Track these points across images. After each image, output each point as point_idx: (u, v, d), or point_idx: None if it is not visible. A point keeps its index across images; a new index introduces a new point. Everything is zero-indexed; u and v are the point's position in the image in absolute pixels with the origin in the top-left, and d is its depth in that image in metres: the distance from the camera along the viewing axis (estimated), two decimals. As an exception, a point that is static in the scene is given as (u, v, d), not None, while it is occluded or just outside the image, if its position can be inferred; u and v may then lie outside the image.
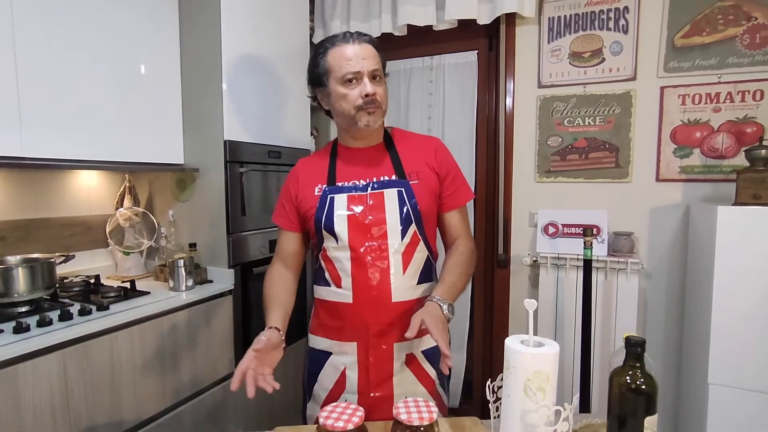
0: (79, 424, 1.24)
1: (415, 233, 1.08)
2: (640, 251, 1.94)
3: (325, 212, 1.08)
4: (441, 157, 1.15)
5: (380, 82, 1.08)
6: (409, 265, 1.08)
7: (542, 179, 2.09)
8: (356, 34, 1.07)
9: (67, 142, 1.43)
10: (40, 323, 1.23)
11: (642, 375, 0.81)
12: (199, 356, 1.62)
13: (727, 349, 1.48)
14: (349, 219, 1.07)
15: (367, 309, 1.06)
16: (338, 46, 1.05)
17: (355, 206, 1.08)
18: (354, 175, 1.12)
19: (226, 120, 1.72)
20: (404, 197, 1.08)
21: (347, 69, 1.03)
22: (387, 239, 1.06)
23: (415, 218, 1.08)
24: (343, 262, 1.08)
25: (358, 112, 1.06)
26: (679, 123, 1.84)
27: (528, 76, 2.08)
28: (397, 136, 1.19)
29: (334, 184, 1.11)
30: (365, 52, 1.05)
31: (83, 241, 1.83)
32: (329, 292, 1.11)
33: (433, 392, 1.12)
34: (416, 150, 1.15)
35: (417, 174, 1.11)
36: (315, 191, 1.12)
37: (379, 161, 1.13)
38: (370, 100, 1.05)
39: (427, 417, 0.78)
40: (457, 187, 1.16)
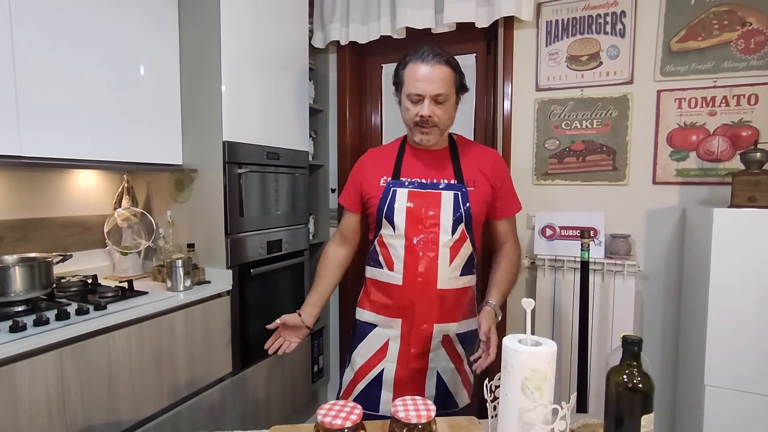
0: (76, 424, 1.23)
1: (463, 231, 1.21)
2: (637, 253, 1.95)
3: (387, 202, 1.22)
4: (498, 171, 1.28)
5: (444, 103, 1.17)
6: (455, 258, 1.21)
7: (540, 182, 2.10)
8: (432, 54, 1.15)
9: (65, 141, 1.43)
10: (37, 322, 1.22)
11: (639, 374, 0.81)
12: (196, 357, 1.62)
13: (723, 351, 1.49)
14: (408, 211, 1.19)
15: (414, 292, 1.20)
16: (414, 63, 1.16)
17: (414, 201, 1.20)
18: (418, 173, 1.24)
19: (225, 121, 1.73)
20: (459, 201, 1.20)
21: (412, 89, 1.16)
22: (438, 233, 1.19)
23: (466, 219, 1.20)
24: (397, 249, 1.21)
25: (414, 127, 1.20)
26: (676, 126, 1.85)
27: (526, 79, 2.10)
28: (460, 143, 1.32)
29: (399, 178, 1.24)
30: (435, 75, 1.13)
31: (81, 241, 1.82)
32: (381, 273, 1.26)
33: (461, 369, 1.29)
34: (476, 160, 1.27)
35: (474, 182, 1.24)
36: (380, 182, 1.25)
37: (443, 165, 1.25)
38: (425, 121, 1.17)
39: (425, 415, 0.78)
40: (510, 200, 1.32)
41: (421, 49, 1.17)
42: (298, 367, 2.17)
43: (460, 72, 1.20)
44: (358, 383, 1.28)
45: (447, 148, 1.28)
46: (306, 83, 2.26)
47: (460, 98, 1.24)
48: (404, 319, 1.23)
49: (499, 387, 0.90)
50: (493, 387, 0.95)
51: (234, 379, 1.79)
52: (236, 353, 1.80)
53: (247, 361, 1.86)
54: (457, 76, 1.19)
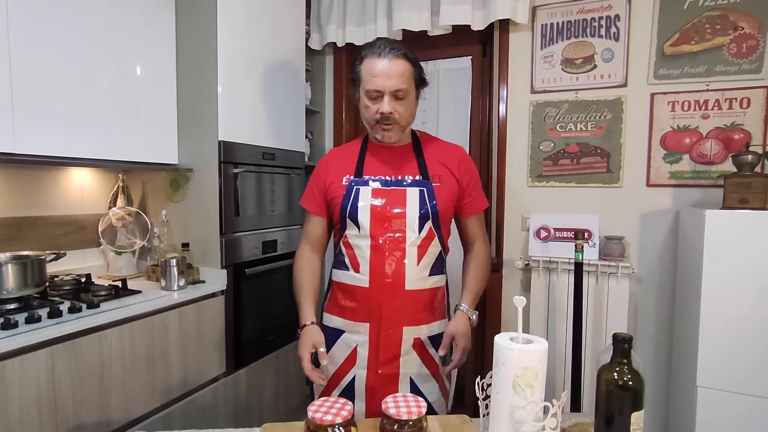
0: (66, 423, 1.23)
1: (431, 229, 1.17)
2: (630, 255, 1.95)
3: (350, 201, 1.16)
4: (464, 168, 1.24)
5: (404, 99, 1.13)
6: (423, 258, 1.16)
7: (534, 184, 2.11)
8: (389, 48, 1.10)
9: (60, 139, 1.43)
10: (29, 320, 1.22)
11: (629, 371, 0.82)
12: (189, 356, 1.61)
13: (715, 352, 1.50)
14: (372, 210, 1.15)
15: (382, 294, 1.15)
16: (370, 59, 1.11)
17: (378, 199, 1.16)
18: (381, 170, 1.20)
19: (221, 121, 1.73)
20: (425, 197, 1.16)
21: (370, 85, 1.11)
22: (405, 232, 1.14)
23: (433, 216, 1.16)
24: (363, 249, 1.15)
25: (375, 125, 1.16)
26: (669, 129, 1.87)
27: (521, 82, 2.11)
28: (423, 139, 1.27)
29: (361, 176, 1.19)
30: (393, 70, 1.09)
31: (75, 240, 1.82)
32: (347, 276, 1.19)
33: (437, 376, 1.21)
34: (441, 155, 1.23)
35: (439, 177, 1.19)
36: (343, 180, 1.20)
37: (406, 161, 1.21)
38: (385, 118, 1.13)
39: (415, 412, 0.78)
40: (477, 196, 1.27)
41: (377, 43, 1.13)
42: (292, 367, 2.17)
43: (418, 66, 1.15)
44: (332, 392, 1.21)
45: (410, 144, 1.24)
46: (302, 84, 2.27)
47: (420, 93, 1.19)
48: (372, 322, 1.16)
49: (491, 385, 0.90)
50: (484, 385, 0.95)
51: (227, 380, 1.79)
52: (230, 353, 1.80)
53: (241, 361, 1.86)
54: (416, 70, 1.14)
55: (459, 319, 1.18)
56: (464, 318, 1.18)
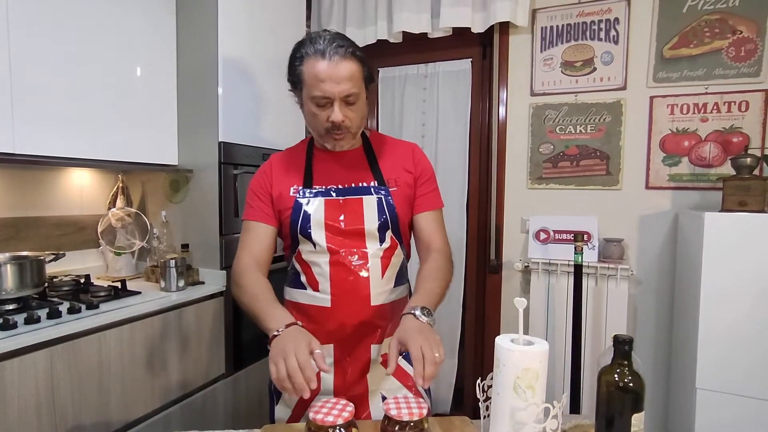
0: (65, 424, 1.22)
1: (392, 238, 1.08)
2: (630, 258, 1.96)
3: (301, 216, 1.04)
4: (418, 160, 1.13)
5: (355, 104, 1.00)
6: (387, 269, 1.07)
7: (534, 186, 2.11)
8: (335, 47, 0.96)
9: (60, 140, 1.43)
10: (28, 320, 1.21)
11: (630, 373, 0.82)
12: (189, 358, 1.61)
13: (714, 354, 1.50)
14: (327, 225, 1.04)
15: (346, 312, 1.04)
16: (313, 59, 0.96)
17: (332, 211, 1.04)
18: (332, 178, 1.08)
19: (221, 121, 1.73)
20: (383, 204, 1.06)
21: (317, 92, 0.97)
22: (365, 244, 1.05)
23: (393, 224, 1.07)
24: (321, 266, 1.04)
25: (325, 134, 1.03)
26: (668, 132, 1.87)
27: (521, 84, 2.12)
28: (375, 140, 1.15)
29: (311, 186, 1.07)
30: (341, 73, 0.96)
31: (74, 240, 1.81)
32: (305, 296, 1.08)
33: (411, 387, 1.08)
34: (395, 155, 1.13)
35: (395, 181, 1.09)
36: (290, 191, 1.07)
37: (358, 166, 1.10)
38: (337, 127, 1.00)
39: (417, 413, 0.78)
40: (432, 191, 1.14)
41: (319, 40, 0.97)
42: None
43: (366, 63, 1.02)
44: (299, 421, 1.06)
45: (361, 147, 1.12)
46: (302, 86, 2.26)
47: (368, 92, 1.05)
48: (336, 344, 1.05)
49: (492, 386, 0.90)
50: (485, 386, 0.96)
51: (227, 381, 1.78)
52: (230, 354, 1.79)
53: (241, 362, 1.85)
54: (365, 69, 1.01)
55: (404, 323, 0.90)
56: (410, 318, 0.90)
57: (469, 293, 2.35)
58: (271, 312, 0.95)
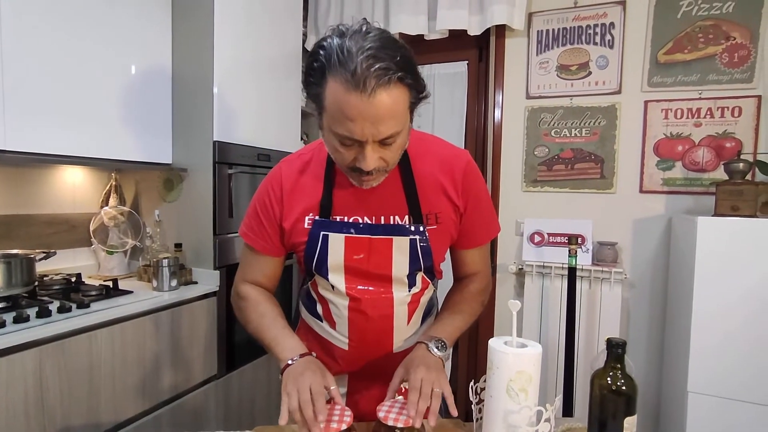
0: (54, 425, 1.21)
1: (423, 279, 0.93)
2: (623, 261, 1.97)
3: (317, 253, 0.88)
4: (468, 186, 0.90)
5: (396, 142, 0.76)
6: (415, 313, 0.95)
7: (529, 188, 2.12)
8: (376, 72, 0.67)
9: (52, 137, 1.41)
10: (17, 319, 1.20)
11: (622, 376, 0.82)
12: (180, 358, 1.59)
13: (706, 358, 1.51)
14: (347, 266, 0.88)
15: (365, 357, 0.94)
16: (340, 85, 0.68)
17: (354, 252, 0.87)
18: (355, 209, 0.88)
19: (216, 121, 1.72)
20: (417, 248, 0.87)
21: (343, 131, 0.72)
22: (392, 290, 0.90)
23: (426, 267, 0.91)
24: (339, 309, 0.92)
25: (349, 171, 0.80)
26: (662, 136, 1.89)
27: (516, 87, 2.12)
28: (415, 153, 0.89)
29: (329, 216, 0.88)
30: (380, 111, 0.69)
31: (66, 239, 1.79)
32: (320, 328, 0.97)
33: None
34: (439, 176, 0.89)
35: (436, 217, 0.88)
36: (305, 222, 0.89)
37: (390, 194, 0.87)
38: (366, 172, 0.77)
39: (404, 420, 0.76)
40: (486, 222, 0.95)
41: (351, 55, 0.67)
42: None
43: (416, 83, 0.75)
44: None
45: (397, 168, 0.86)
46: (298, 86, 2.26)
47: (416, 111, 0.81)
48: (351, 377, 0.97)
49: (485, 389, 0.90)
50: (478, 389, 0.95)
51: (219, 382, 1.77)
52: (222, 355, 1.78)
53: (233, 363, 1.84)
54: (413, 93, 0.75)
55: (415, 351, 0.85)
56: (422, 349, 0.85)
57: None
58: (282, 341, 0.87)
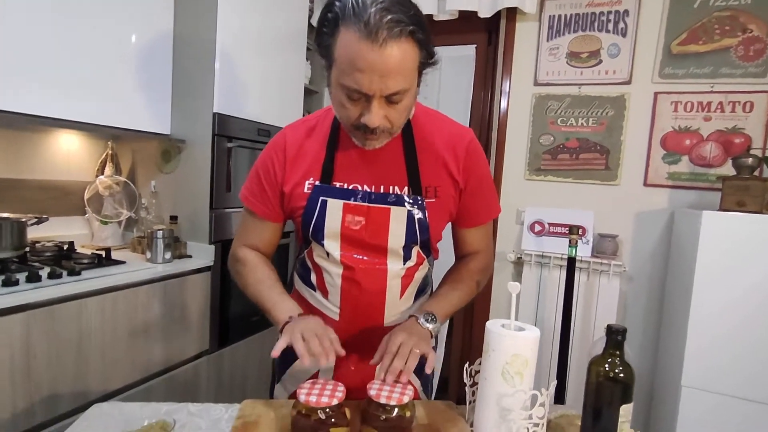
0: (40, 392, 1.19)
1: (419, 254, 0.93)
2: (623, 254, 1.95)
3: (314, 218, 0.88)
4: (470, 165, 0.90)
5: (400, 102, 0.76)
6: (408, 287, 0.94)
7: (532, 177, 2.09)
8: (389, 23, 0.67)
9: (48, 99, 1.37)
10: (6, 283, 1.17)
11: (621, 363, 0.80)
12: (172, 332, 1.58)
13: (702, 353, 1.50)
14: (343, 234, 0.88)
15: (355, 329, 0.93)
16: (352, 34, 0.69)
17: (351, 218, 0.87)
18: (356, 176, 0.89)
19: (217, 92, 1.68)
20: (414, 219, 0.88)
21: (351, 82, 0.72)
22: (386, 262, 0.90)
23: (422, 241, 0.90)
24: (333, 278, 0.91)
25: (354, 130, 0.82)
26: (670, 129, 1.85)
27: (525, 73, 2.08)
28: (419, 125, 0.90)
29: (329, 182, 0.89)
30: (389, 64, 0.69)
31: (59, 206, 1.76)
32: (314, 297, 0.97)
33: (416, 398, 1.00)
34: (441, 151, 0.89)
35: (435, 190, 0.89)
36: (305, 186, 0.89)
37: (391, 164, 0.88)
38: (370, 130, 0.77)
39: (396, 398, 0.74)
40: (487, 201, 0.95)
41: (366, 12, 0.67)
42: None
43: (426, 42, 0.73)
44: None
45: (400, 137, 0.89)
46: (303, 63, 2.21)
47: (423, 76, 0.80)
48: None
49: (479, 372, 0.88)
50: (472, 372, 0.94)
51: (210, 357, 1.76)
52: (214, 330, 1.77)
53: (225, 339, 1.83)
54: (423, 53, 0.74)
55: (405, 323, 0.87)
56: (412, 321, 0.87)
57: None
58: (281, 305, 0.89)
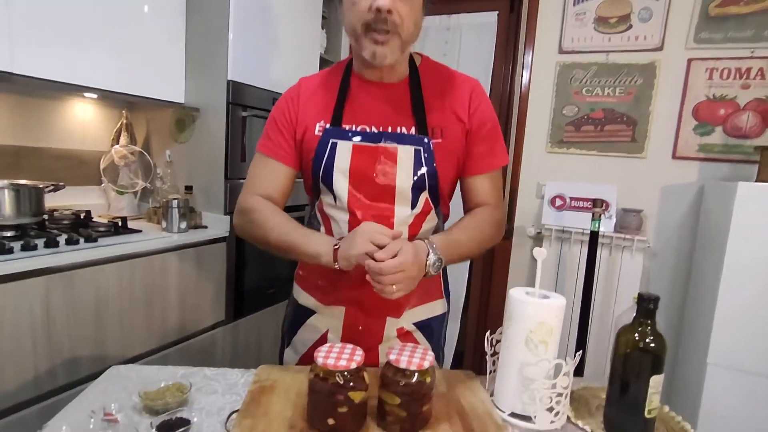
0: (61, 354, 1.21)
1: (426, 201, 0.91)
2: (647, 229, 1.88)
3: (324, 161, 0.88)
4: (475, 108, 0.92)
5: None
6: (415, 238, 0.91)
7: (554, 150, 2.02)
8: None
9: (62, 64, 1.35)
10: (24, 247, 1.18)
11: (652, 333, 0.76)
12: (188, 301, 1.58)
13: (730, 331, 1.45)
14: (352, 175, 0.87)
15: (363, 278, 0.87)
16: None
17: (360, 160, 0.87)
18: (365, 117, 0.90)
19: (231, 59, 1.64)
20: (421, 159, 0.87)
21: None
22: (394, 206, 0.89)
23: (430, 185, 0.89)
24: (340, 225, 0.90)
25: (364, 35, 0.81)
26: (704, 98, 1.76)
27: (549, 41, 1.99)
28: (426, 71, 0.93)
29: (339, 125, 0.90)
30: None
31: (75, 175, 1.76)
32: None
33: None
34: (447, 95, 0.92)
35: (442, 131, 0.90)
36: (316, 129, 0.90)
37: (399, 105, 0.90)
38: (381, 19, 0.77)
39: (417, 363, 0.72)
40: (492, 146, 0.94)
41: None
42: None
43: None
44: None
45: (407, 80, 0.92)
46: (318, 31, 2.15)
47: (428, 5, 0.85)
48: (348, 308, 0.94)
49: (501, 341, 0.85)
50: (494, 341, 0.91)
51: (226, 328, 1.77)
52: (230, 302, 1.77)
53: (241, 311, 1.83)
54: None
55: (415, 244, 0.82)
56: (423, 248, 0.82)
57: (476, 259, 2.30)
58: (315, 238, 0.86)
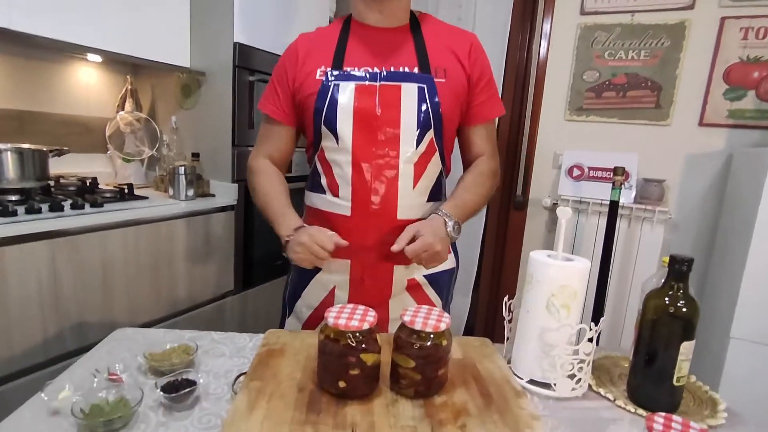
0: (69, 318, 1.19)
1: (431, 141, 0.91)
2: (669, 200, 1.81)
3: (326, 103, 0.89)
4: (476, 57, 0.94)
5: None
6: (421, 179, 0.92)
7: (572, 117, 1.93)
8: None
9: (63, 23, 1.31)
10: (28, 210, 1.15)
11: (684, 297, 0.71)
12: (196, 270, 1.56)
13: (756, 305, 1.39)
14: (356, 114, 0.88)
15: (368, 225, 0.91)
16: None
17: (363, 99, 0.88)
18: (367, 60, 0.91)
19: (237, 20, 1.57)
20: (425, 96, 0.88)
21: None
22: (398, 145, 0.89)
23: (435, 123, 0.90)
24: (342, 167, 0.90)
25: None
26: (737, 60, 1.65)
27: (570, 1, 1.88)
28: (426, 21, 0.97)
29: (341, 68, 0.90)
30: None
31: (81, 142, 1.73)
32: (324, 201, 0.95)
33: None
34: (448, 42, 0.94)
35: (444, 71, 0.91)
36: (317, 74, 0.91)
37: (400, 47, 0.92)
38: None
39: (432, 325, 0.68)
40: (489, 97, 0.97)
41: None
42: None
43: None
44: None
45: (407, 25, 0.95)
46: (327, -7, 2.07)
47: None
48: (354, 260, 0.93)
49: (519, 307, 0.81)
50: (511, 306, 0.87)
51: (235, 298, 1.75)
52: (239, 271, 1.75)
53: (251, 280, 1.81)
54: None
55: (431, 219, 0.90)
56: (439, 220, 0.89)
57: (490, 230, 2.24)
58: (281, 219, 0.93)
